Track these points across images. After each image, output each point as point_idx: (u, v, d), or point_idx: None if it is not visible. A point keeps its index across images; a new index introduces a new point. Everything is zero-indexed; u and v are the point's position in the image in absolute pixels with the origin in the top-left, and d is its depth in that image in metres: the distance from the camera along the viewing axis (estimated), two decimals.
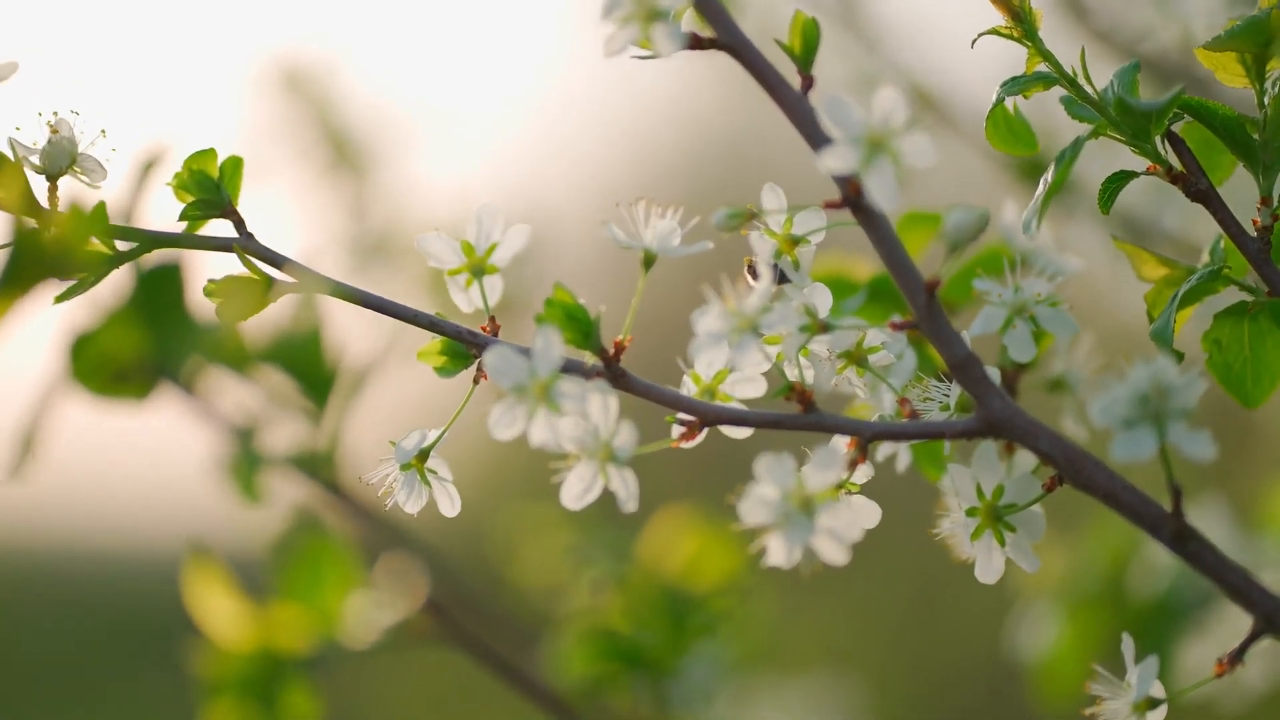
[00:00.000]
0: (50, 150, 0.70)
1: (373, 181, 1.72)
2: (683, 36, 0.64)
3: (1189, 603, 1.16)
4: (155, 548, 3.98)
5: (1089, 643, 1.19)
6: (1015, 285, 0.70)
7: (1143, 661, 0.67)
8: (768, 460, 0.64)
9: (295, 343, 0.55)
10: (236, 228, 0.70)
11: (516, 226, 0.71)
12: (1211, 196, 0.71)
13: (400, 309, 0.69)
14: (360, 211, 1.72)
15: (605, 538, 0.84)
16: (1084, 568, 1.20)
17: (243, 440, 0.55)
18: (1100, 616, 1.19)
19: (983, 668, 2.71)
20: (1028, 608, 1.24)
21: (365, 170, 1.72)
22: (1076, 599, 1.19)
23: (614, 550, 0.83)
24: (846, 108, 0.63)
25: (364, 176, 1.73)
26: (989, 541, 0.69)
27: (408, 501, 0.70)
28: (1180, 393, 0.62)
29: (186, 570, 0.77)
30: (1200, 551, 0.65)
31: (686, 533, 0.84)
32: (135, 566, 3.95)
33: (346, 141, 1.73)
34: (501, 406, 0.65)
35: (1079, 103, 0.71)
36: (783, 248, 0.68)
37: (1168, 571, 1.17)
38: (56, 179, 0.70)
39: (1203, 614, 1.16)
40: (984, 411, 0.66)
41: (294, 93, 1.72)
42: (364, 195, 1.72)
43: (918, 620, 2.73)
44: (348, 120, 1.73)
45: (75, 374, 0.55)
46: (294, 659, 0.76)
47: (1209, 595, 1.16)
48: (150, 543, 3.99)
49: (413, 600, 0.78)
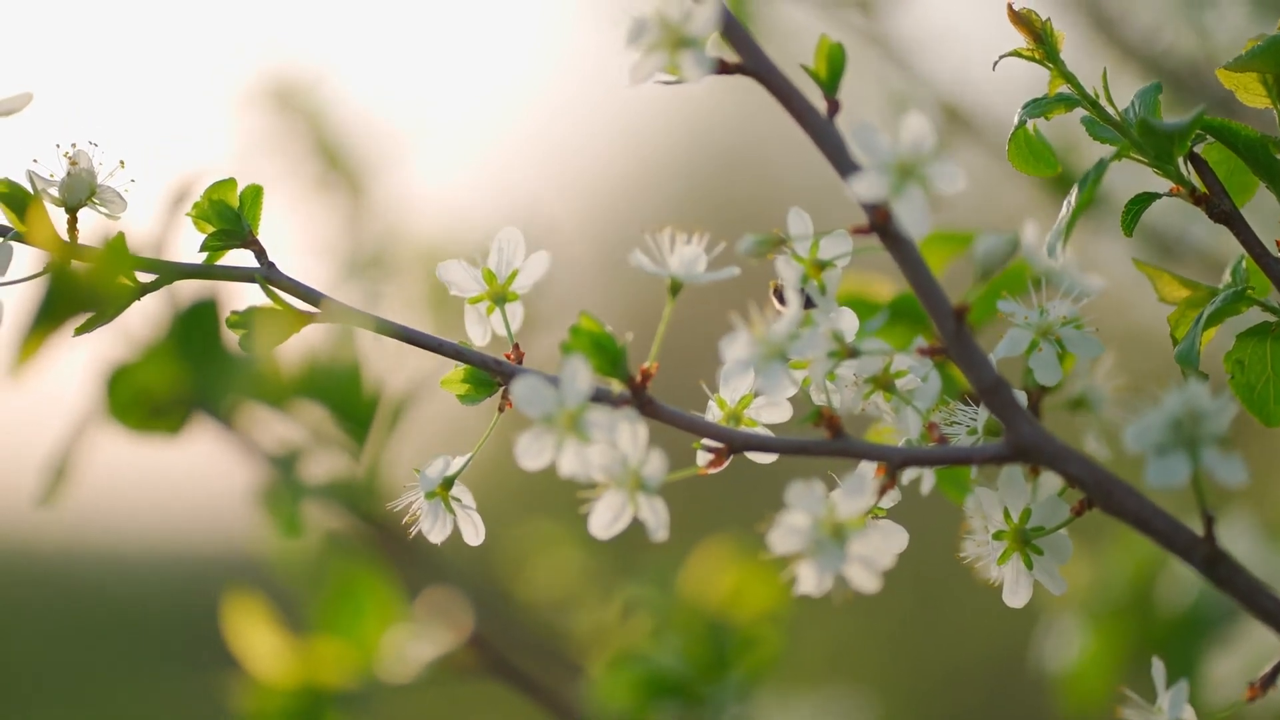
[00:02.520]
0: (69, 182, 0.69)
1: (366, 195, 1.72)
2: (710, 62, 0.64)
3: (1215, 617, 1.16)
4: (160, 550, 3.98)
5: (1113, 655, 1.19)
6: (1040, 307, 0.70)
7: (1174, 686, 0.67)
8: (798, 488, 0.64)
9: (333, 375, 0.55)
10: (258, 257, 0.70)
11: (537, 254, 0.71)
12: (1235, 218, 0.71)
13: (426, 338, 0.68)
14: (354, 225, 1.72)
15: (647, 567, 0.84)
16: (1109, 581, 1.21)
17: (283, 472, 0.55)
18: (1125, 629, 1.19)
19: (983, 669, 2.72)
20: (1053, 620, 1.24)
21: (359, 183, 1.72)
22: (1101, 612, 1.19)
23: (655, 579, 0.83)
24: (875, 135, 0.63)
25: (357, 190, 1.72)
26: (1017, 565, 0.69)
27: (432, 530, 0.70)
28: (1213, 418, 0.62)
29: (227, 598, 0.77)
30: (1232, 576, 0.65)
31: (727, 564, 0.84)
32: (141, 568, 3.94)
33: (339, 154, 1.73)
34: (529, 436, 0.65)
35: (1101, 124, 0.71)
36: (809, 273, 0.68)
37: (1194, 585, 1.17)
38: (75, 211, 0.70)
39: (1229, 628, 1.16)
40: (1013, 436, 0.66)
41: (285, 107, 1.71)
42: (358, 209, 1.72)
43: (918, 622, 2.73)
44: (339, 133, 1.72)
45: (111, 409, 0.55)
46: (335, 694, 0.75)
47: (1236, 610, 1.16)
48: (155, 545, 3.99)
49: (456, 634, 0.78)
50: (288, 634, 0.77)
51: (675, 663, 0.77)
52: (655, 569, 0.84)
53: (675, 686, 0.78)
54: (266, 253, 0.70)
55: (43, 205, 0.67)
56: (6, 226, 0.70)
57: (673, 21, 0.64)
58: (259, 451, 0.56)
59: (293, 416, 0.55)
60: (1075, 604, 1.22)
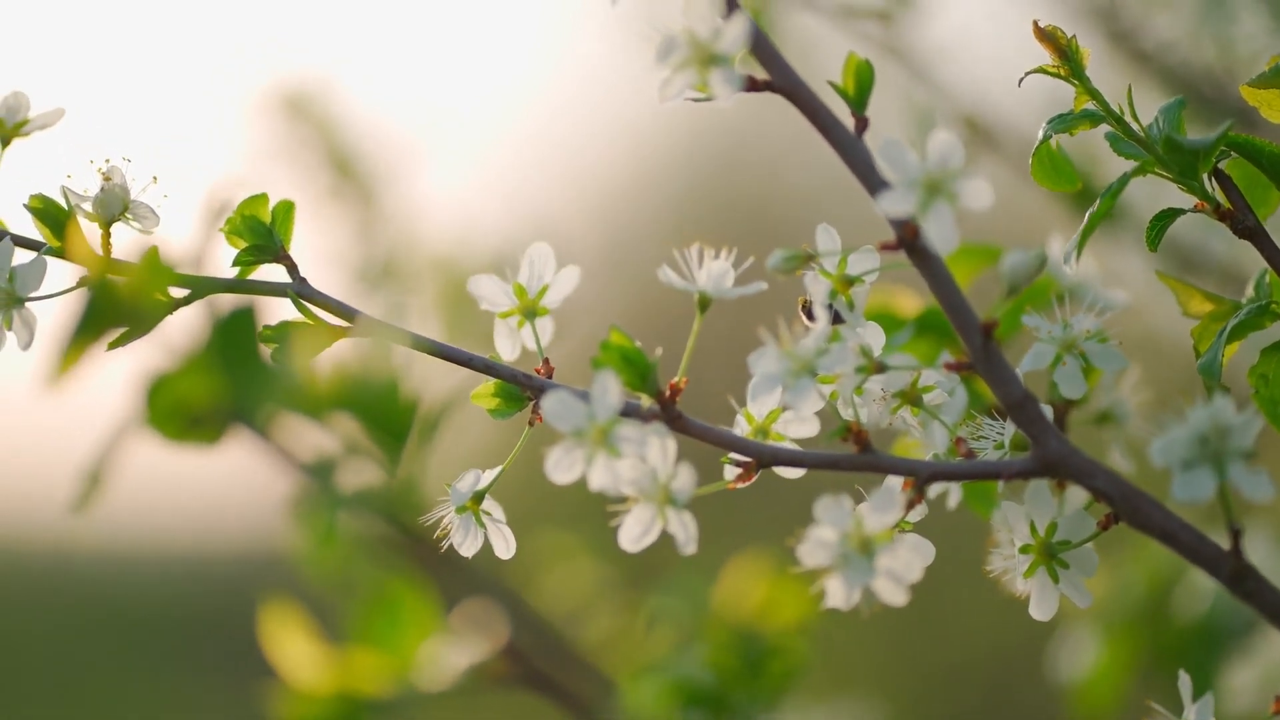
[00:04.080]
0: (103, 198, 0.70)
1: (378, 203, 1.72)
2: (739, 80, 0.64)
3: (1231, 628, 1.16)
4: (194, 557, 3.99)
5: (1126, 665, 1.20)
6: (1064, 321, 0.70)
7: (1200, 698, 0.67)
8: (826, 503, 0.64)
9: (370, 387, 0.55)
10: (290, 272, 0.71)
11: (568, 269, 0.72)
12: (1259, 233, 0.71)
13: (458, 353, 0.69)
14: (366, 234, 1.72)
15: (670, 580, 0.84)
16: (1124, 591, 1.21)
17: (319, 482, 0.56)
18: (1139, 640, 1.20)
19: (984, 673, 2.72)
20: (1068, 629, 1.24)
21: (370, 192, 1.72)
22: (1116, 622, 1.20)
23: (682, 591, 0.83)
24: (903, 151, 0.63)
25: (369, 199, 1.72)
26: (1043, 578, 0.69)
27: (463, 544, 0.70)
28: (1239, 432, 0.62)
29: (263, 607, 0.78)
30: (1259, 590, 0.65)
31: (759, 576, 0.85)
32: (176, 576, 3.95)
33: (350, 163, 1.73)
34: (559, 450, 0.65)
35: (1125, 140, 0.71)
36: (837, 288, 0.68)
37: (1208, 595, 1.18)
38: (109, 225, 0.70)
39: (1245, 639, 1.16)
40: (1041, 451, 0.66)
41: (295, 115, 1.72)
42: (369, 218, 1.72)
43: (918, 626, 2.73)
44: (350, 140, 1.72)
45: (150, 419, 0.55)
46: (371, 702, 0.76)
47: (1252, 619, 1.16)
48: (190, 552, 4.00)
49: (491, 644, 0.78)
50: (324, 643, 0.78)
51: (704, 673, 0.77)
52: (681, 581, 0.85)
53: (705, 697, 0.78)
54: (298, 268, 0.71)
55: (78, 220, 0.68)
56: (40, 241, 0.71)
57: (702, 39, 0.64)
58: (296, 462, 0.56)
59: (329, 427, 0.56)
60: (1090, 614, 1.22)
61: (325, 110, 1.72)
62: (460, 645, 0.78)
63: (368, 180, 1.72)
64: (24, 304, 0.69)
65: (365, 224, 1.72)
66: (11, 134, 0.73)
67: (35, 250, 0.70)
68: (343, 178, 1.72)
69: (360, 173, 1.72)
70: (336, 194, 1.72)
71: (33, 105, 0.73)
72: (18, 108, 0.72)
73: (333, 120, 1.72)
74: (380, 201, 1.72)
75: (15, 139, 0.73)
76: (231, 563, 3.64)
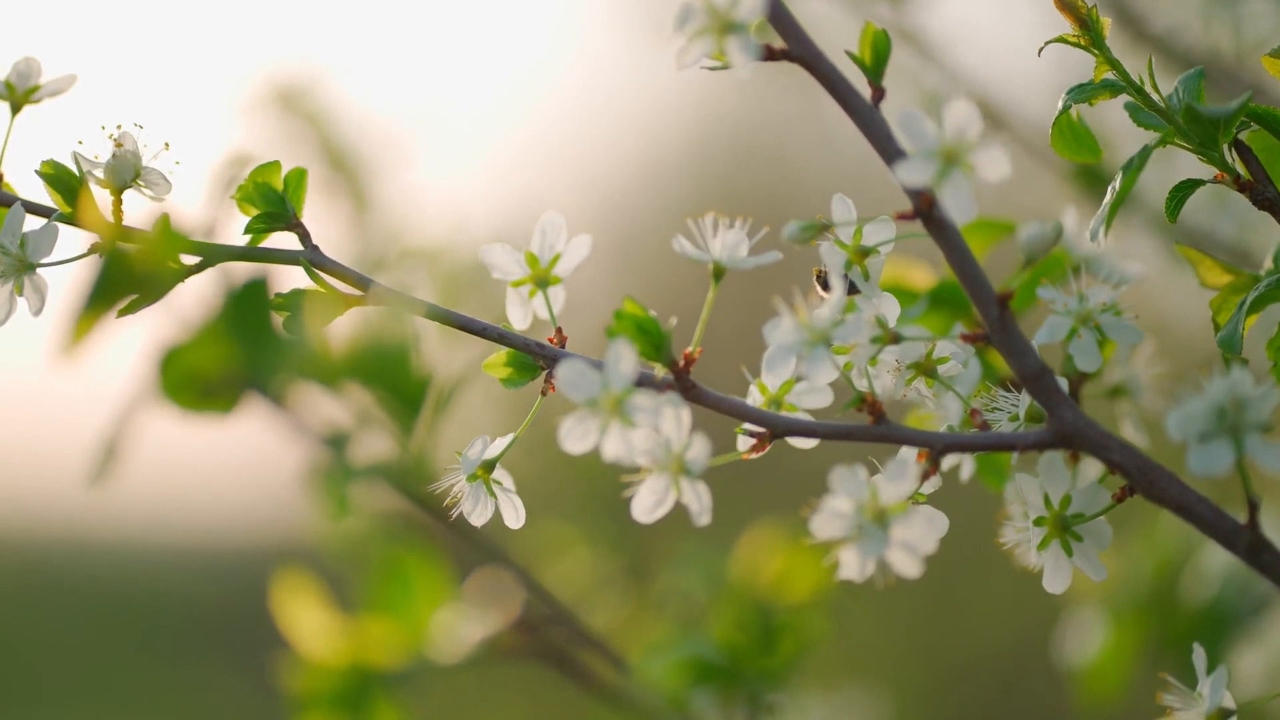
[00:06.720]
0: (115, 164, 0.70)
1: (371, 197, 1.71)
2: (757, 48, 0.64)
3: (1239, 611, 1.16)
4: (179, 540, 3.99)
5: (1133, 649, 1.20)
6: (1079, 293, 0.70)
7: (1214, 673, 0.67)
8: (841, 473, 0.64)
9: (385, 357, 0.55)
10: (302, 240, 0.70)
11: (580, 238, 0.71)
12: (1279, 204, 0.71)
13: (470, 322, 0.69)
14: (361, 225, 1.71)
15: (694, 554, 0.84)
16: (1132, 574, 1.21)
17: (334, 452, 0.55)
18: (1146, 623, 1.19)
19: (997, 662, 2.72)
20: (1075, 613, 1.24)
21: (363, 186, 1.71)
22: (1123, 605, 1.19)
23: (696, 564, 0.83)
24: (920, 122, 0.63)
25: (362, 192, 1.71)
26: (1056, 551, 0.69)
27: (474, 513, 0.70)
28: (1257, 405, 0.62)
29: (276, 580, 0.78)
30: (1275, 563, 0.65)
31: (775, 548, 0.84)
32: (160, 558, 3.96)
33: (343, 154, 1.72)
34: (573, 419, 0.65)
35: (1145, 110, 0.71)
36: (853, 259, 0.68)
37: (1216, 578, 1.17)
38: (121, 193, 0.70)
39: (1253, 622, 1.16)
40: (1056, 423, 0.66)
41: (289, 109, 1.70)
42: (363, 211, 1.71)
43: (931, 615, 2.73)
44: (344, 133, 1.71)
45: (164, 389, 0.55)
46: (384, 674, 0.76)
47: (1260, 603, 1.16)
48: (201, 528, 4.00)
49: (505, 616, 0.78)
50: (337, 614, 0.78)
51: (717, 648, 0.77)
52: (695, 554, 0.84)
53: (718, 671, 0.78)
54: (310, 236, 0.70)
55: (89, 187, 0.68)
56: (51, 208, 0.70)
57: (719, 6, 0.64)
58: (309, 432, 0.56)
59: (344, 397, 0.55)
60: (1097, 597, 1.22)
61: (318, 103, 1.70)
62: (473, 617, 0.77)
63: (362, 174, 1.70)
64: (35, 270, 0.69)
65: (358, 217, 1.70)
66: (23, 100, 0.72)
67: (47, 217, 0.70)
68: (336, 171, 1.71)
69: (354, 166, 1.70)
70: (329, 188, 1.71)
71: (44, 72, 0.73)
72: (29, 74, 0.72)
73: (325, 113, 1.71)
74: (374, 195, 1.71)
75: (26, 105, 0.72)
76: (245, 554, 3.64)
